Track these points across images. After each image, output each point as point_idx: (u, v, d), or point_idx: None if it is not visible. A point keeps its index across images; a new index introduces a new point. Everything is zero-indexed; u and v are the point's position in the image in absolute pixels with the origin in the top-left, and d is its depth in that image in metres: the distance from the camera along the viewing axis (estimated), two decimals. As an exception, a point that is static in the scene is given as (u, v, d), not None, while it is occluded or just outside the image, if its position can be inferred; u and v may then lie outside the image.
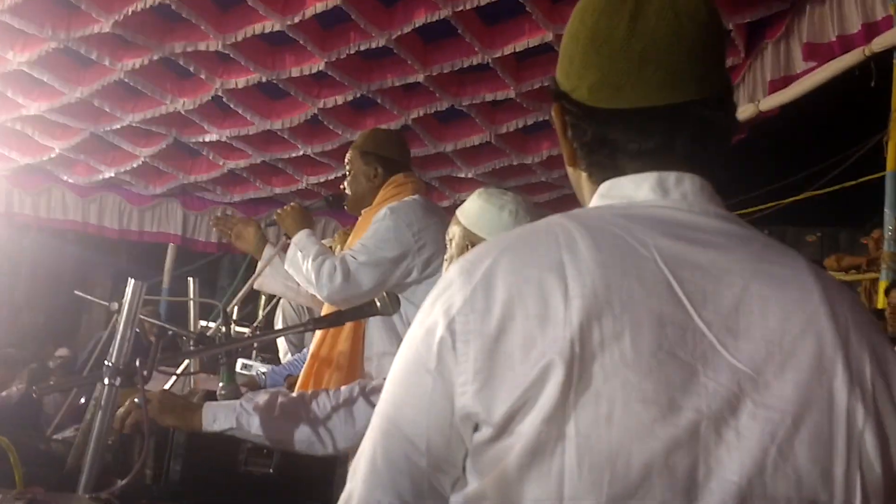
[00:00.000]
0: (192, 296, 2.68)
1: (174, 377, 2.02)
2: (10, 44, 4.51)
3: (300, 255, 2.28)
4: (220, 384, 1.72)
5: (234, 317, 4.50)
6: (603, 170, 0.86)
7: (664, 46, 0.81)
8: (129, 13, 4.03)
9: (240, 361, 3.68)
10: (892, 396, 0.76)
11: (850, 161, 4.90)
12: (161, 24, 4.31)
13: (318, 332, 2.33)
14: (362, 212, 2.50)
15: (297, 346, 3.29)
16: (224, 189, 6.73)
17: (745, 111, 4.07)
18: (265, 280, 2.51)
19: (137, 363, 1.18)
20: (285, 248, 2.39)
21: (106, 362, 1.19)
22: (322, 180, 6.18)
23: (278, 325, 3.33)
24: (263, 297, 4.24)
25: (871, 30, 3.15)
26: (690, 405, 0.71)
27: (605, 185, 0.86)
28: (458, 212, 1.71)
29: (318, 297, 2.27)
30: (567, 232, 0.77)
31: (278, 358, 3.51)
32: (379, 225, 2.27)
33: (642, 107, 0.82)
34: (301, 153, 5.66)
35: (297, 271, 2.30)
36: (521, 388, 0.71)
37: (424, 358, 0.76)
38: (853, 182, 5.05)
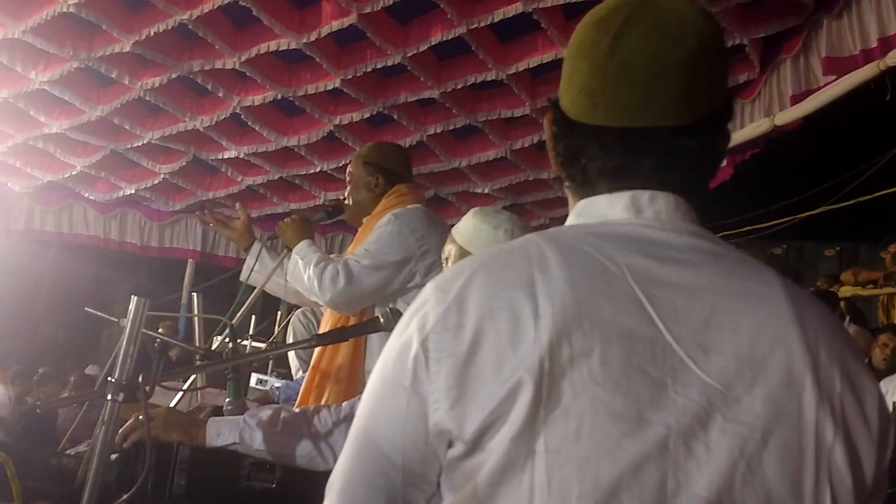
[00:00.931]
0: (196, 311, 2.71)
1: (180, 393, 2.04)
2: (32, 64, 4.59)
3: (301, 264, 2.31)
4: (227, 399, 1.73)
5: (251, 332, 4.52)
6: (577, 183, 0.87)
7: (641, 69, 0.81)
8: (151, 33, 4.10)
9: (255, 376, 3.70)
10: (862, 411, 0.77)
11: (867, 175, 4.86)
12: (179, 43, 4.37)
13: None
14: (363, 220, 2.53)
15: (307, 363, 3.31)
16: (242, 205, 6.77)
17: (760, 126, 4.05)
18: (254, 274, 2.54)
19: (140, 379, 1.20)
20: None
21: (109, 378, 1.21)
22: (339, 196, 6.22)
23: (289, 340, 3.35)
24: (280, 312, 4.26)
25: (887, 44, 3.13)
26: (659, 420, 0.72)
27: (580, 204, 0.87)
28: (454, 231, 1.72)
29: (320, 301, 2.29)
30: (540, 251, 0.78)
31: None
32: (383, 230, 2.30)
33: (612, 126, 0.83)
34: (318, 169, 5.70)
35: (298, 281, 2.33)
36: (491, 406, 0.72)
37: (399, 375, 0.78)
38: (868, 196, 5.00)
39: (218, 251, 7.07)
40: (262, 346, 4.11)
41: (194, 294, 2.76)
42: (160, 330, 5.09)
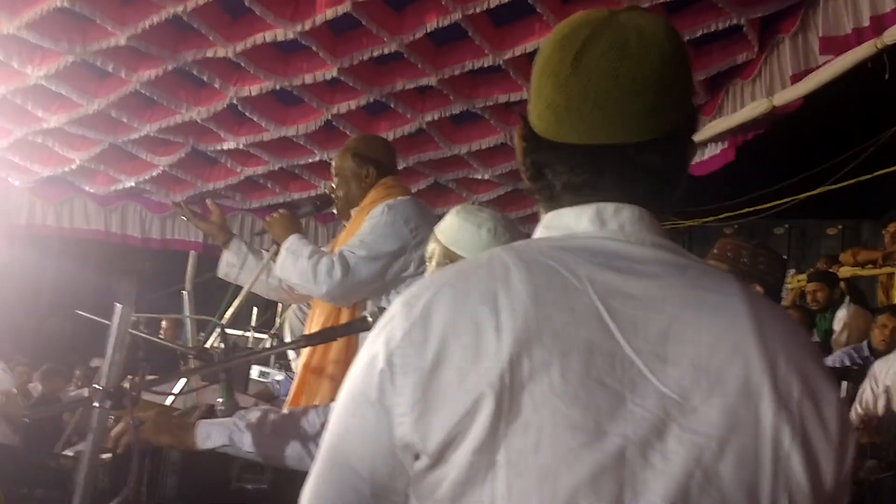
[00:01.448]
0: (187, 311, 2.70)
1: (173, 395, 2.04)
2: (28, 59, 4.58)
3: (292, 258, 2.31)
4: (219, 399, 1.74)
5: (253, 324, 4.54)
6: (544, 197, 0.89)
7: (603, 87, 0.82)
8: (146, 26, 4.08)
9: (257, 369, 3.71)
10: (821, 417, 0.78)
11: (869, 153, 4.84)
12: (174, 34, 4.36)
13: None
14: (352, 212, 2.52)
15: (306, 355, 3.32)
16: (243, 195, 6.78)
17: (759, 106, 4.03)
18: (232, 271, 2.53)
19: (127, 385, 1.20)
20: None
21: (95, 385, 1.22)
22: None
23: (286, 335, 3.36)
24: (279, 304, 4.27)
25: (880, 22, 3.11)
26: (617, 431, 0.74)
27: (547, 217, 0.89)
28: (437, 230, 1.72)
29: (315, 294, 2.28)
30: (504, 266, 0.79)
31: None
32: (377, 220, 2.30)
33: (576, 143, 0.84)
34: (318, 158, 5.69)
35: (289, 274, 2.31)
36: (454, 419, 0.74)
37: (366, 389, 0.79)
38: (869, 175, 4.98)
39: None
40: (264, 337, 4.13)
41: (184, 292, 2.75)
42: (163, 324, 5.12)
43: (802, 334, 0.86)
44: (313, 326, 2.35)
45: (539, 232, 0.88)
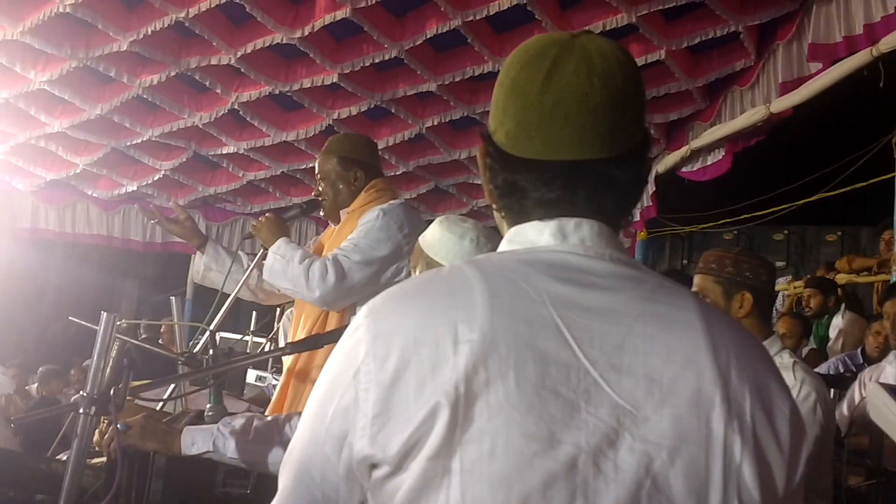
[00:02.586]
0: (175, 318, 2.70)
1: (161, 401, 2.06)
2: (31, 64, 4.62)
3: (282, 262, 2.29)
4: (208, 405, 1.76)
5: (252, 328, 4.56)
6: (513, 213, 0.91)
7: (574, 104, 0.84)
8: (148, 32, 4.12)
9: (253, 373, 3.73)
10: (773, 428, 0.80)
11: (863, 161, 4.84)
12: (176, 40, 4.39)
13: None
14: (341, 214, 2.50)
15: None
16: (244, 200, 6.82)
17: (756, 113, 4.04)
18: (213, 274, 2.51)
19: (112, 392, 1.22)
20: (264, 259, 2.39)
21: (81, 392, 1.24)
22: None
23: (281, 339, 3.37)
24: (278, 309, 4.28)
25: (872, 31, 3.12)
26: (570, 440, 0.76)
27: (511, 231, 0.91)
28: (421, 241, 1.73)
29: (307, 299, 2.27)
30: (465, 279, 0.82)
31: None
32: (371, 225, 2.29)
33: (548, 159, 0.86)
34: (318, 163, 5.72)
35: (279, 278, 2.29)
36: (411, 429, 0.76)
37: (329, 400, 0.82)
38: (864, 183, 4.99)
39: (221, 244, 7.10)
40: (263, 341, 4.15)
41: (172, 298, 2.74)
42: (162, 329, 5.13)
43: (756, 345, 0.88)
44: (300, 331, 2.35)
45: (503, 246, 0.90)
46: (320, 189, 2.51)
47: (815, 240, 7.65)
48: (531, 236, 0.88)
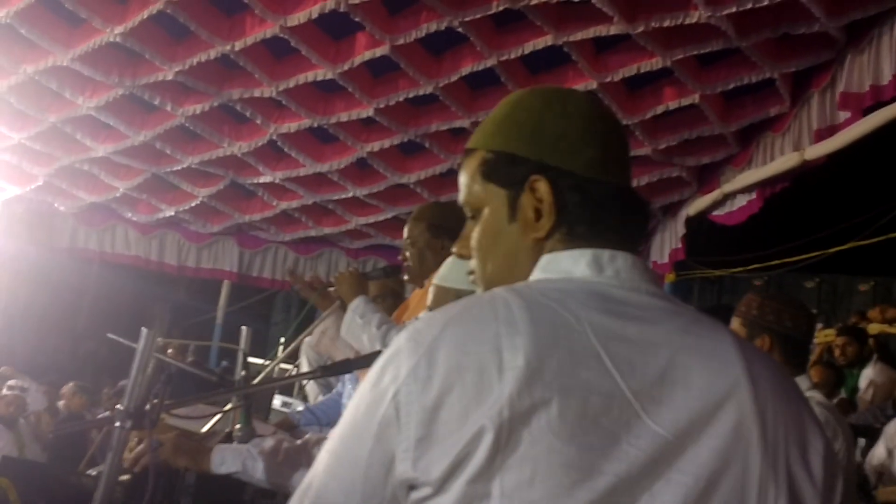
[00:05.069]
0: (241, 345, 2.73)
1: (196, 418, 2.10)
2: (80, 90, 4.78)
3: (360, 322, 2.31)
4: (237, 426, 1.80)
5: (279, 354, 4.60)
6: (557, 239, 0.93)
7: (618, 133, 0.94)
8: (193, 63, 4.25)
9: (279, 399, 3.76)
10: (807, 465, 0.81)
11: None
12: (220, 72, 4.52)
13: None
14: (424, 282, 2.51)
15: (327, 387, 3.36)
16: (277, 228, 6.92)
17: (789, 160, 4.04)
18: (324, 341, 2.53)
19: (147, 407, 1.26)
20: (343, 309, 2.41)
21: (118, 406, 1.28)
22: (371, 221, 6.31)
23: (302, 368, 3.40)
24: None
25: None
26: (610, 470, 0.77)
27: (544, 259, 0.92)
28: (440, 281, 1.78)
29: None
30: (507, 306, 0.83)
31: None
32: None
33: (618, 184, 0.93)
34: (350, 195, 5.81)
35: (356, 338, 2.31)
36: (454, 452, 0.76)
37: (369, 423, 0.82)
38: (896, 234, 4.93)
39: (253, 273, 7.21)
40: (290, 368, 4.19)
41: (243, 328, 2.73)
42: (169, 351, 5.21)
43: (791, 383, 0.89)
44: None
45: (537, 274, 0.92)
46: (407, 255, 2.53)
47: (846, 289, 7.55)
48: (566, 266, 0.90)
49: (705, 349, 0.83)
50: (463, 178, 1.01)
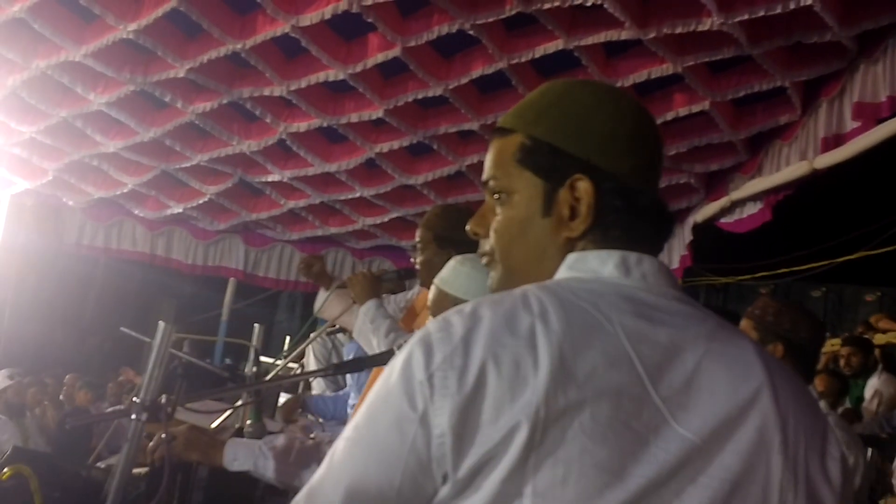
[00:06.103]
0: (253, 342, 2.76)
1: (207, 413, 2.12)
2: (92, 86, 4.80)
3: (370, 327, 2.36)
4: (248, 421, 1.81)
5: (284, 353, 4.62)
6: (590, 240, 0.92)
7: (655, 139, 0.96)
8: (205, 60, 4.27)
9: (284, 397, 3.77)
10: (825, 471, 0.83)
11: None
12: (231, 70, 4.54)
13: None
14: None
15: (334, 383, 3.38)
16: (284, 227, 6.94)
17: (798, 169, 4.03)
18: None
19: (163, 400, 1.27)
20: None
21: (134, 399, 1.29)
22: (377, 221, 6.32)
23: (309, 366, 3.42)
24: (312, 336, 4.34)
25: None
26: (640, 473, 0.78)
27: (571, 258, 0.92)
28: (438, 281, 1.79)
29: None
30: (540, 303, 0.82)
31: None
32: None
33: (654, 192, 0.94)
34: (358, 195, 5.82)
35: (364, 341, 2.36)
36: (488, 446, 0.76)
37: (403, 405, 0.80)
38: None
39: (259, 271, 7.22)
40: (295, 365, 4.20)
41: (256, 325, 2.75)
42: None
43: (806, 390, 0.91)
44: None
45: (563, 272, 0.91)
46: (418, 260, 2.56)
47: (853, 299, 7.55)
48: (594, 265, 0.90)
49: (730, 355, 0.84)
50: (492, 157, 0.99)
